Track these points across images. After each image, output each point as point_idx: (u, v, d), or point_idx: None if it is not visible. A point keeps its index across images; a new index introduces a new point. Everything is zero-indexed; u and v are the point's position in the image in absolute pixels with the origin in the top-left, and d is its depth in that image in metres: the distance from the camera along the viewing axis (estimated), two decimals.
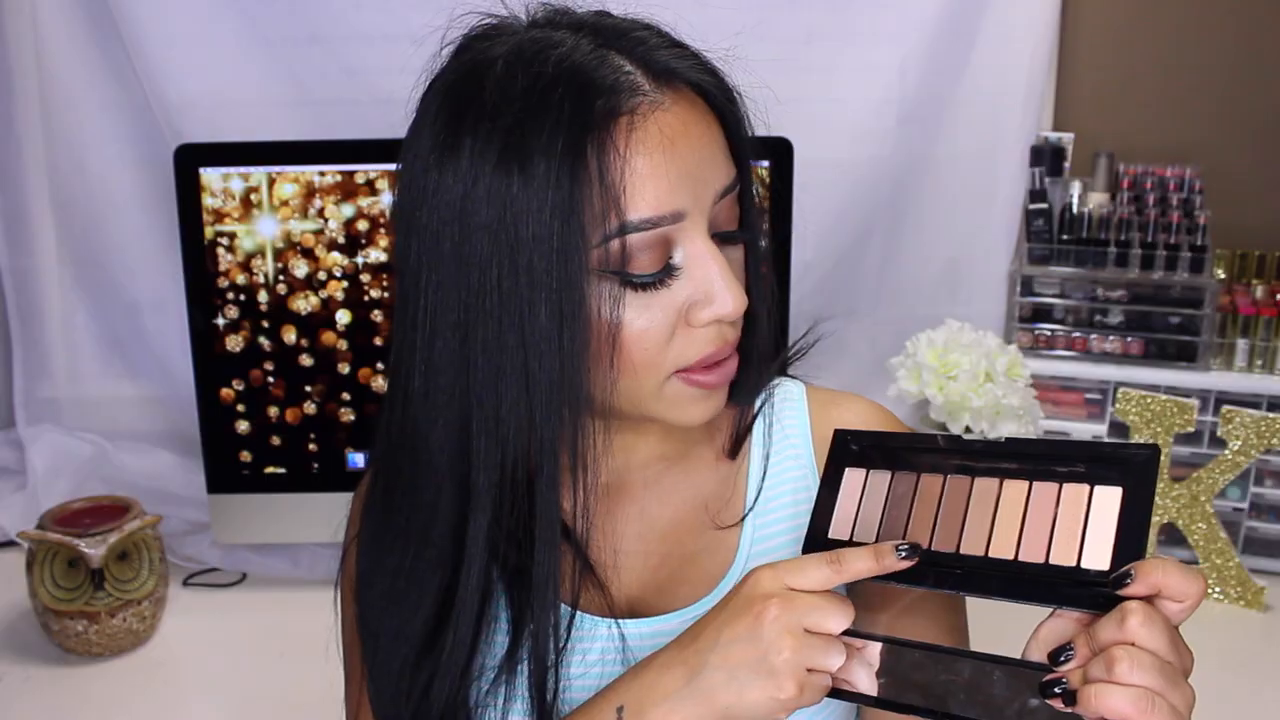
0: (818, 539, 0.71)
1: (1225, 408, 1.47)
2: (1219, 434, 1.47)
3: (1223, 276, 1.65)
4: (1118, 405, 1.52)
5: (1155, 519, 1.52)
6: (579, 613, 0.78)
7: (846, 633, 0.65)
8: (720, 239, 0.71)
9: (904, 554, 0.66)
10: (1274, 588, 1.51)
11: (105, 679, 1.38)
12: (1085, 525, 0.63)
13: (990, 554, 0.66)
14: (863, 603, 0.73)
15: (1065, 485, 0.65)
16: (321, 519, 1.54)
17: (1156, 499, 1.51)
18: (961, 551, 0.67)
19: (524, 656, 0.74)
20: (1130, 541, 0.62)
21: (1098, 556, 0.62)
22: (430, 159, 0.68)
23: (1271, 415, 1.44)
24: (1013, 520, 0.66)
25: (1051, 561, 0.64)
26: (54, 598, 1.38)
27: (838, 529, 0.71)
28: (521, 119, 0.65)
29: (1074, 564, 0.63)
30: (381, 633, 0.76)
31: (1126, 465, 0.63)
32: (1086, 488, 0.64)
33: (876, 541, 0.68)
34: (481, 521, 0.71)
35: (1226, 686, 1.34)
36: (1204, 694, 1.42)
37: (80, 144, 1.77)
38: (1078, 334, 1.66)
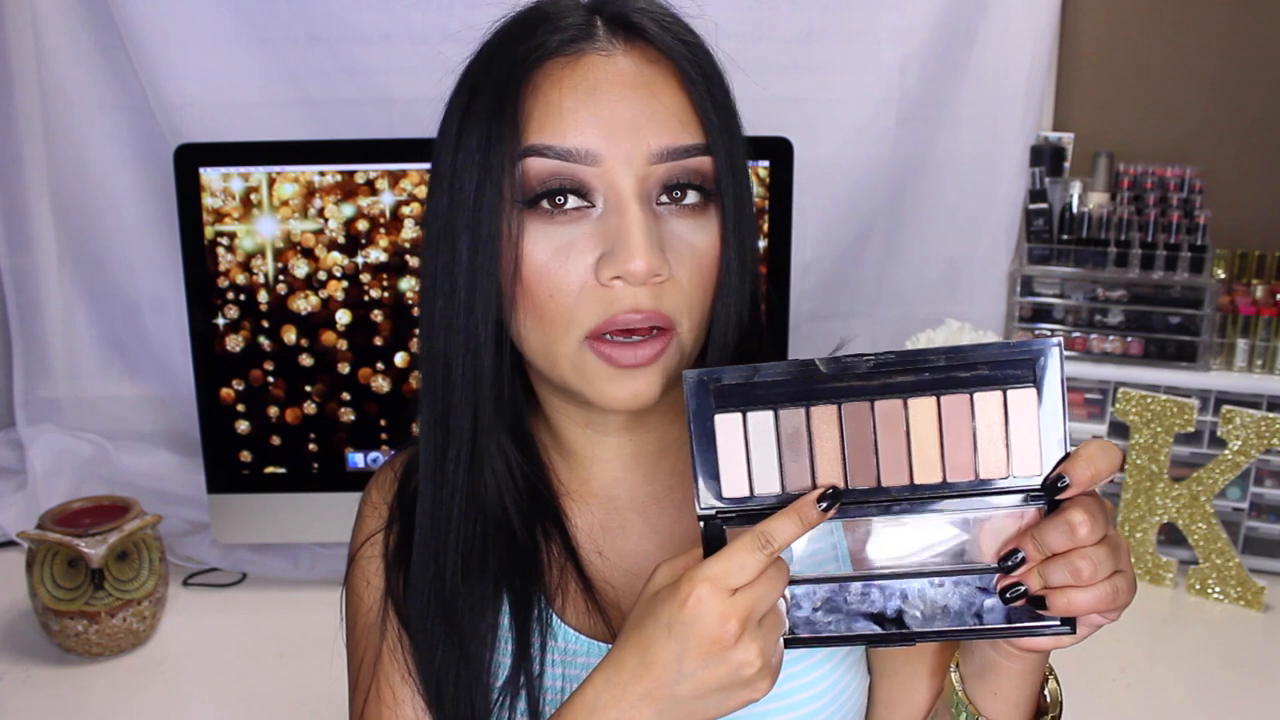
0: (715, 501, 0.65)
1: (1225, 408, 1.47)
2: (1219, 434, 1.47)
3: (1223, 276, 1.65)
4: (1118, 405, 1.52)
5: (1155, 519, 1.52)
6: (579, 634, 0.76)
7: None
8: (668, 203, 0.69)
9: (826, 505, 0.62)
10: (1274, 588, 1.51)
11: (105, 679, 1.38)
12: (1007, 433, 0.62)
13: (916, 481, 0.63)
14: None
15: (976, 394, 0.62)
16: (321, 519, 1.54)
17: (1156, 499, 1.51)
18: (884, 485, 0.63)
19: (523, 682, 0.74)
20: (1055, 441, 0.62)
21: (1027, 463, 0.62)
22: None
23: (1271, 415, 1.44)
24: (930, 441, 0.63)
25: (981, 477, 0.63)
26: (54, 598, 1.38)
27: (731, 486, 0.64)
28: (484, 61, 0.71)
29: (1005, 475, 0.63)
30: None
31: (1032, 362, 0.62)
32: (999, 393, 0.62)
33: (783, 492, 0.64)
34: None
35: (1227, 686, 1.34)
36: (1204, 694, 1.42)
37: (80, 144, 1.77)
38: (1078, 334, 1.65)
